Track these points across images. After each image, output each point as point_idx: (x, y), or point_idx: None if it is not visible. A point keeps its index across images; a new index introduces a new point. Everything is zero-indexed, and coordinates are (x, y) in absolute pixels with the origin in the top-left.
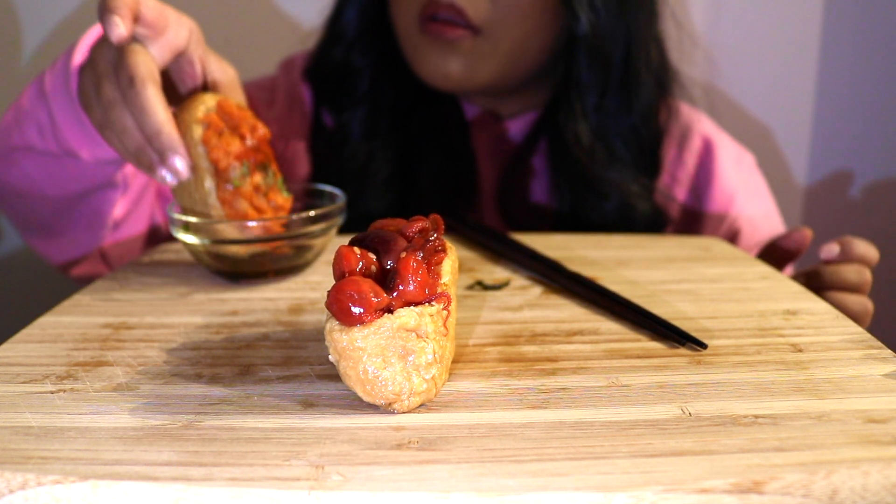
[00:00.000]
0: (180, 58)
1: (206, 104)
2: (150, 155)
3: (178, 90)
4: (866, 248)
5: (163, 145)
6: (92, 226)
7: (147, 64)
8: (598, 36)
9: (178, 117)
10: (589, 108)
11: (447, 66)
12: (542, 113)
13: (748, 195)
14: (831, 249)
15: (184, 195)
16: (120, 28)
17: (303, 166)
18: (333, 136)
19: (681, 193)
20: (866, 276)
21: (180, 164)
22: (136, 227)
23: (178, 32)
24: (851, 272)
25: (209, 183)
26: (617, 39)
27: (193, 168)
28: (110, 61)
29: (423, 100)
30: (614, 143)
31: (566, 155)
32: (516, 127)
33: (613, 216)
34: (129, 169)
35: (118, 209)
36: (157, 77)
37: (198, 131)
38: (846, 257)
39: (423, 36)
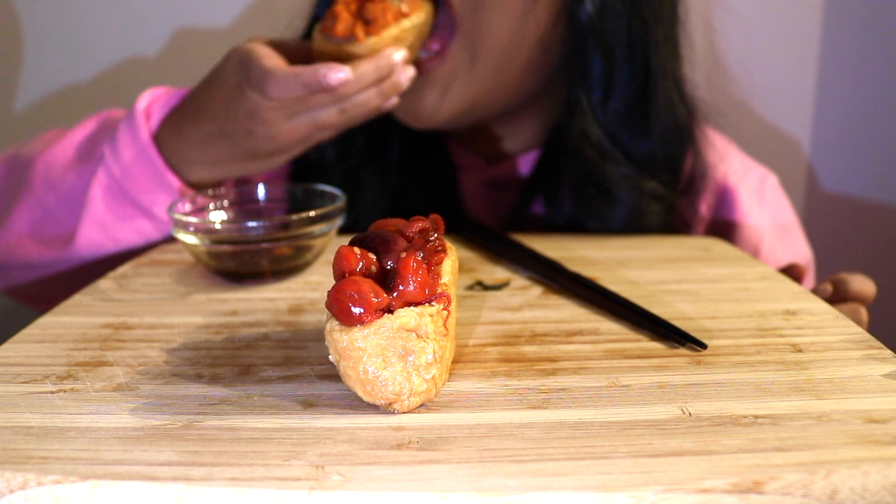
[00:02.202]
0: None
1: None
2: (391, 82)
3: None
4: (861, 285)
5: (389, 71)
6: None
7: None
8: (604, 22)
9: (332, 51)
10: (596, 104)
11: (422, 101)
12: (542, 150)
13: (773, 235)
14: (825, 289)
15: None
16: (343, 73)
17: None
18: (312, 164)
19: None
20: (861, 315)
21: (397, 56)
22: None
23: None
24: (845, 312)
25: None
26: (627, 35)
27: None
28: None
29: (406, 132)
30: (626, 146)
31: (570, 160)
32: (511, 169)
33: (621, 224)
34: None
35: None
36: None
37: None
38: (840, 297)
39: None
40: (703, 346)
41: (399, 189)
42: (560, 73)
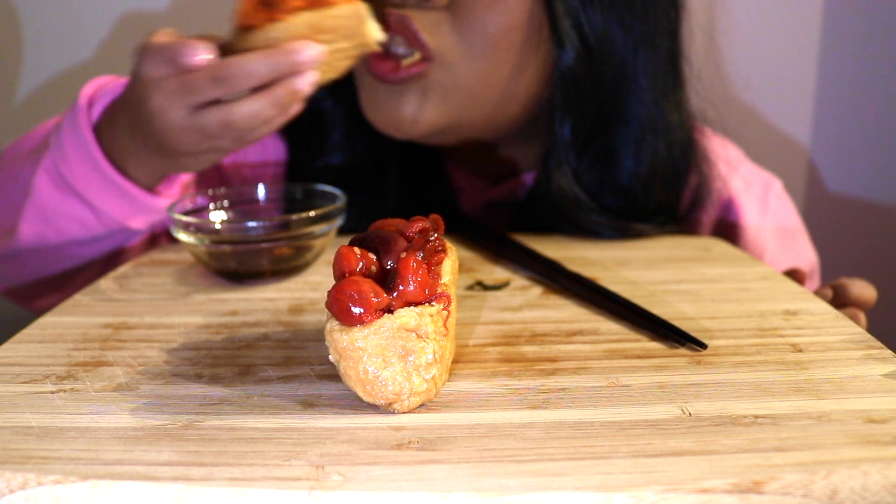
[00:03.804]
0: None
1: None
2: (286, 87)
3: None
4: (861, 290)
5: (290, 68)
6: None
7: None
8: (588, 73)
9: (239, 44)
10: (573, 158)
11: (399, 106)
12: (534, 179)
13: (777, 241)
14: (825, 294)
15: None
16: (207, 52)
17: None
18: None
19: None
20: (859, 320)
21: (307, 52)
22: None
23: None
24: None
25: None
26: (612, 84)
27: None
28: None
29: (403, 154)
30: (608, 200)
31: (551, 204)
32: (506, 191)
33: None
34: None
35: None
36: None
37: (264, 31)
38: (841, 302)
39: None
40: (703, 346)
41: (396, 211)
42: (548, 112)
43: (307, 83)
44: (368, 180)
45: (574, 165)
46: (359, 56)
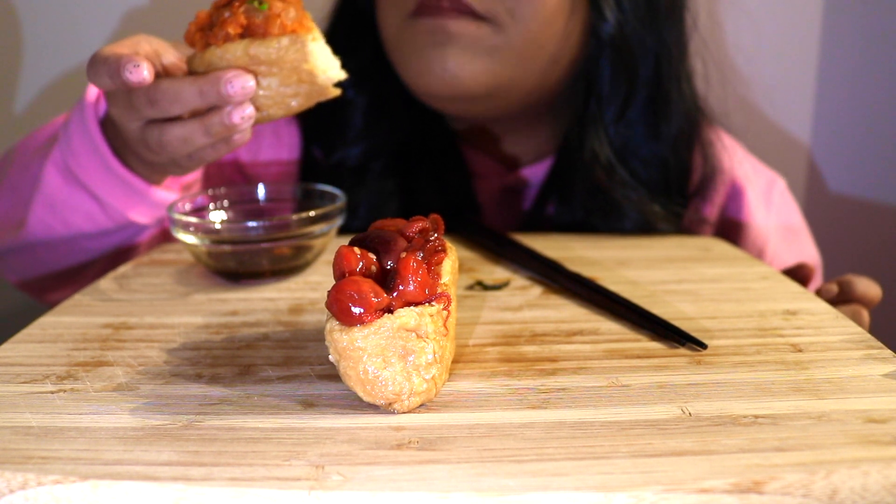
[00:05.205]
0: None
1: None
2: (218, 117)
3: None
4: (867, 288)
5: (218, 98)
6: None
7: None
8: (625, 40)
9: (189, 65)
10: (609, 121)
11: (445, 61)
12: (556, 158)
13: (779, 237)
14: (830, 289)
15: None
16: (143, 71)
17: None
18: (325, 176)
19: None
20: (862, 317)
21: (237, 83)
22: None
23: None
24: (847, 313)
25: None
26: (646, 50)
27: (238, 64)
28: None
29: (422, 142)
30: (637, 168)
31: (580, 174)
32: (526, 175)
33: (630, 229)
34: None
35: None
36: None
37: (213, 53)
38: (844, 298)
39: (417, 25)
40: (703, 346)
41: (415, 197)
42: (577, 86)
43: (240, 116)
44: (385, 171)
45: (609, 130)
46: (315, 98)
